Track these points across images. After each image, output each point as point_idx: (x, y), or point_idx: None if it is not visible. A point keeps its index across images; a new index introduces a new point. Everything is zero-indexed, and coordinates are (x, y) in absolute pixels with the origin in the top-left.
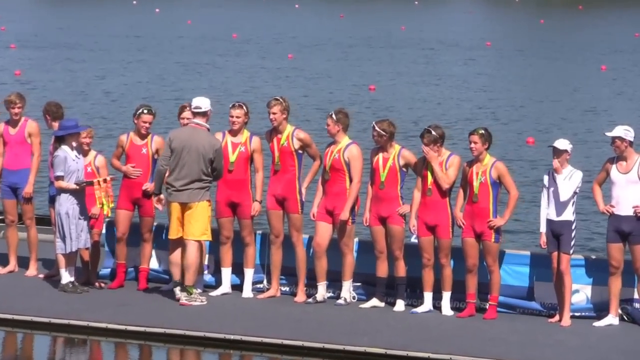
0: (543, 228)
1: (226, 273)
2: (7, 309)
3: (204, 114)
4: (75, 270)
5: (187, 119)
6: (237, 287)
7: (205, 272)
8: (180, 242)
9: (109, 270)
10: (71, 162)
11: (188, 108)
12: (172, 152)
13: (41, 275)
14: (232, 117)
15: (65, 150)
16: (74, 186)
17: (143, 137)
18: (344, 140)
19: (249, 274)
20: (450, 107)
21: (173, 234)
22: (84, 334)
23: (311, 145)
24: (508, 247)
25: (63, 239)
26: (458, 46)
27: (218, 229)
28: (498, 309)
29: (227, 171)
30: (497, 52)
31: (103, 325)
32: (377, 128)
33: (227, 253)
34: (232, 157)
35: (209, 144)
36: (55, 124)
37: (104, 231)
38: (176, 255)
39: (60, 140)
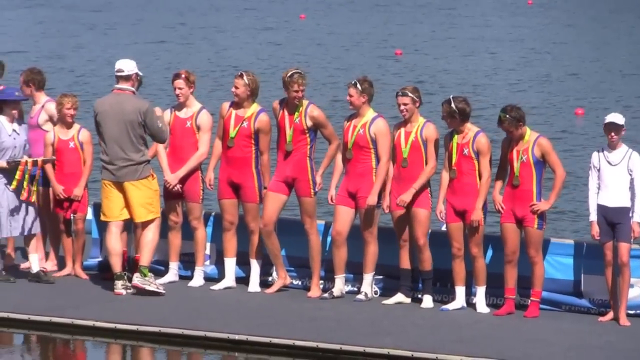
0: (594, 216)
1: (230, 264)
2: None
3: (127, 78)
4: (6, 257)
5: (179, 88)
6: (243, 281)
7: (207, 262)
8: (120, 226)
9: (96, 260)
10: (6, 137)
11: (184, 75)
12: (97, 125)
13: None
14: (233, 88)
15: (0, 122)
16: (4, 164)
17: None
18: (369, 113)
19: (255, 265)
20: (484, 76)
21: (112, 215)
22: (68, 333)
23: (326, 126)
24: (553, 235)
25: None
26: (496, 3)
27: (220, 212)
28: (541, 306)
29: (227, 147)
30: (540, 12)
31: (89, 323)
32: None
33: (230, 241)
34: (233, 132)
35: (133, 107)
36: (38, 95)
37: (90, 216)
38: (115, 241)
39: None
